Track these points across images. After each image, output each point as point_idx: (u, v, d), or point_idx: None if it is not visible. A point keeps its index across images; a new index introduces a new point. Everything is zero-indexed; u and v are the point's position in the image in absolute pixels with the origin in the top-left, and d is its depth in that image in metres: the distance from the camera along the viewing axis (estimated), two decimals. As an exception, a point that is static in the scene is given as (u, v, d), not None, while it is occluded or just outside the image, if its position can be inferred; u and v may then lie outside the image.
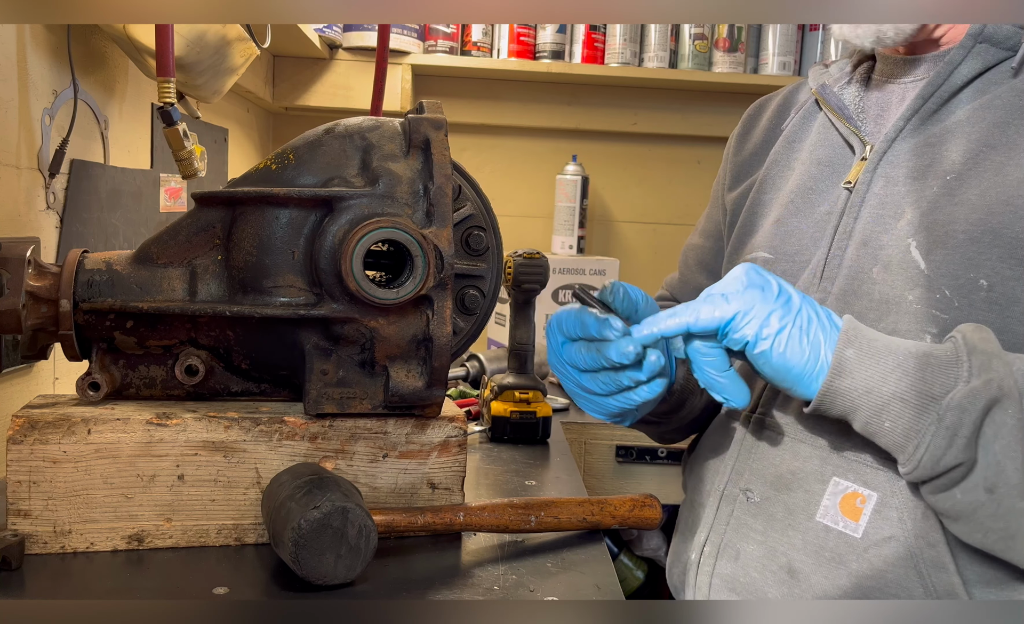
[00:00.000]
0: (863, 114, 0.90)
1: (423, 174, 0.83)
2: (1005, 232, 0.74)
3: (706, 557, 0.85)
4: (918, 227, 0.78)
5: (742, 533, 0.83)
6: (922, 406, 0.66)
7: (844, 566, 0.76)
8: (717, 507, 0.86)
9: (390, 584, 0.76)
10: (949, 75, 0.82)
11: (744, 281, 0.72)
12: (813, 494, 0.79)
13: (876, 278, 0.80)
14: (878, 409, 0.68)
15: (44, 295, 0.81)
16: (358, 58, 2.17)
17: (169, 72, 1.01)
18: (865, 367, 0.68)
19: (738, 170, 1.07)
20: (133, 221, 1.34)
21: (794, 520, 0.80)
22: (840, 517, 0.77)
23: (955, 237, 0.76)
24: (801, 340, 0.69)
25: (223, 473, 0.82)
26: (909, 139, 0.83)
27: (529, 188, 2.47)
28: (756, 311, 0.70)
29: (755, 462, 0.84)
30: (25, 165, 1.05)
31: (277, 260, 0.82)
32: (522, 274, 1.26)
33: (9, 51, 1.02)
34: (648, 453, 1.68)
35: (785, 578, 0.79)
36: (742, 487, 0.85)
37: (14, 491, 0.77)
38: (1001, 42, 0.80)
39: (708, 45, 2.27)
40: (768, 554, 0.81)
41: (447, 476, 0.88)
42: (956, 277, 0.75)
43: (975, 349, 0.66)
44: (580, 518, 0.88)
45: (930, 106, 0.83)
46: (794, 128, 0.99)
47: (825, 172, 0.91)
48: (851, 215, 0.85)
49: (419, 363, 0.84)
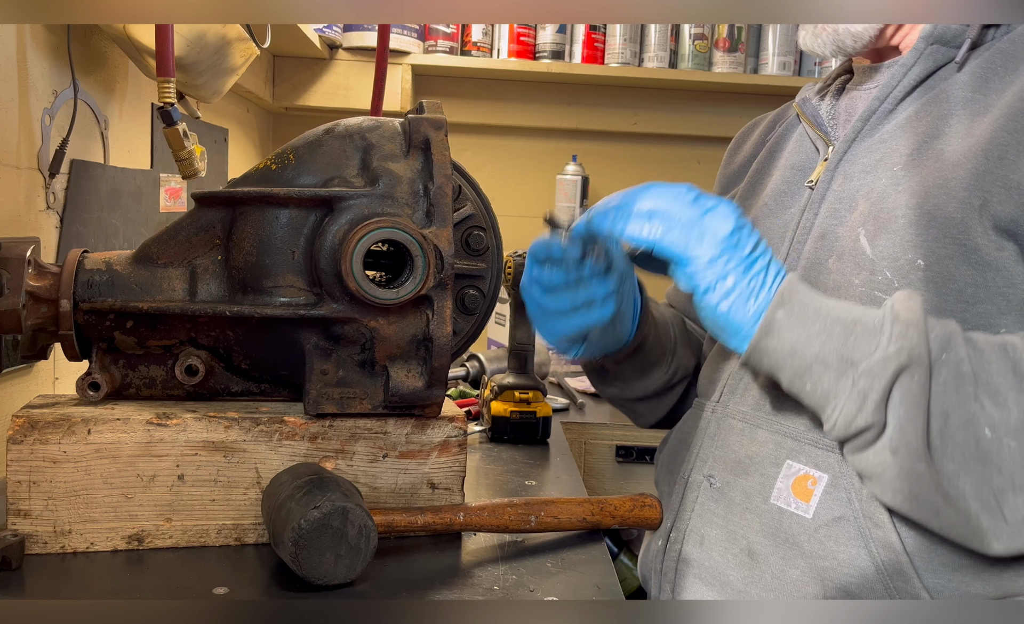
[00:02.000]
0: (833, 120, 0.95)
1: (423, 174, 0.83)
2: (939, 213, 0.76)
3: (672, 542, 0.88)
4: (867, 217, 0.82)
5: (705, 518, 0.86)
6: (841, 370, 0.69)
7: (797, 546, 0.78)
8: (683, 494, 0.89)
9: (390, 584, 0.76)
10: (903, 77, 0.86)
11: (726, 226, 0.73)
12: (768, 477, 0.82)
13: (831, 268, 0.83)
14: (801, 371, 0.71)
15: (44, 295, 0.81)
16: (358, 58, 2.17)
17: (169, 72, 1.01)
18: (792, 329, 0.71)
19: (725, 182, 1.12)
20: (133, 221, 1.34)
21: (751, 503, 0.82)
22: (792, 499, 0.79)
23: (896, 221, 0.79)
24: (747, 302, 0.72)
25: (223, 473, 0.82)
26: (866, 139, 0.87)
27: (529, 188, 2.48)
28: (720, 265, 0.72)
29: (717, 449, 0.87)
30: (25, 165, 1.05)
31: (277, 260, 0.82)
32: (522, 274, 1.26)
33: (9, 51, 1.02)
34: (648, 453, 1.68)
35: (746, 560, 0.81)
36: (705, 473, 0.87)
37: (14, 491, 0.77)
38: (950, 41, 0.84)
39: (708, 45, 2.27)
40: (729, 537, 0.83)
41: (447, 476, 0.88)
42: (896, 259, 0.78)
43: (898, 317, 0.68)
44: (580, 518, 0.88)
45: (886, 107, 0.86)
46: (776, 140, 1.04)
47: (796, 176, 0.95)
48: (811, 211, 0.88)
49: (419, 363, 0.84)
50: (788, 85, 2.22)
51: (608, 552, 0.87)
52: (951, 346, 0.68)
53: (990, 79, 0.81)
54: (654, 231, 0.73)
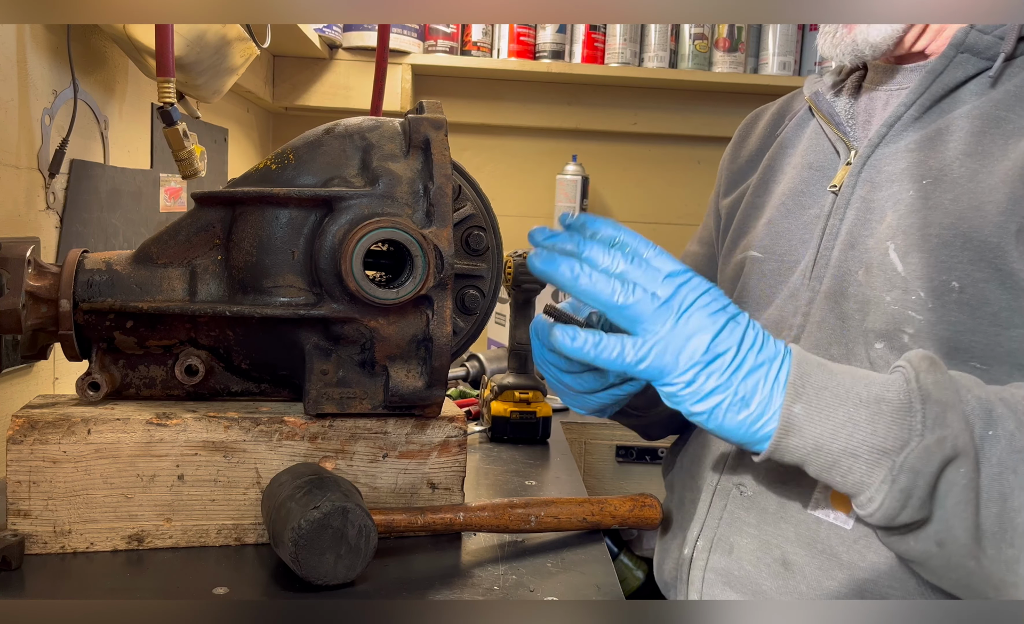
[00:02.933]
0: (852, 120, 0.93)
1: (423, 174, 0.83)
2: (975, 236, 0.75)
3: (699, 551, 0.86)
4: (896, 230, 0.80)
5: (735, 527, 0.84)
6: (874, 461, 0.64)
7: (836, 558, 0.77)
8: (710, 502, 0.87)
9: (390, 584, 0.76)
10: (931, 84, 0.84)
11: (703, 340, 0.66)
12: (804, 487, 0.80)
13: (861, 280, 0.82)
14: (828, 465, 0.66)
15: (44, 295, 0.81)
16: (358, 58, 2.17)
17: (169, 72, 1.01)
18: (814, 423, 0.65)
19: (733, 177, 1.10)
20: (133, 221, 1.34)
21: (786, 513, 0.80)
22: (831, 510, 0.78)
23: (929, 241, 0.77)
24: (740, 411, 0.66)
25: (223, 473, 0.82)
26: (891, 145, 0.85)
27: (529, 188, 2.48)
28: (697, 386, 0.66)
29: (747, 456, 0.84)
30: (25, 165, 1.05)
31: (277, 260, 0.82)
32: (522, 274, 1.26)
33: (9, 51, 1.02)
34: (648, 453, 1.68)
35: (780, 571, 0.80)
36: (735, 482, 0.85)
37: (14, 491, 0.77)
38: (981, 52, 0.82)
39: (708, 45, 2.27)
40: (762, 547, 0.81)
41: (447, 476, 0.88)
42: (930, 279, 0.76)
43: (929, 397, 0.64)
44: (580, 518, 0.88)
45: (912, 113, 0.85)
46: (788, 134, 1.02)
47: (815, 176, 0.93)
48: (837, 217, 0.86)
49: (419, 363, 0.84)
50: (788, 85, 2.22)
51: (608, 552, 0.87)
52: (994, 420, 0.64)
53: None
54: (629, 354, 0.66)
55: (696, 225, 1.22)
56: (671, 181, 2.49)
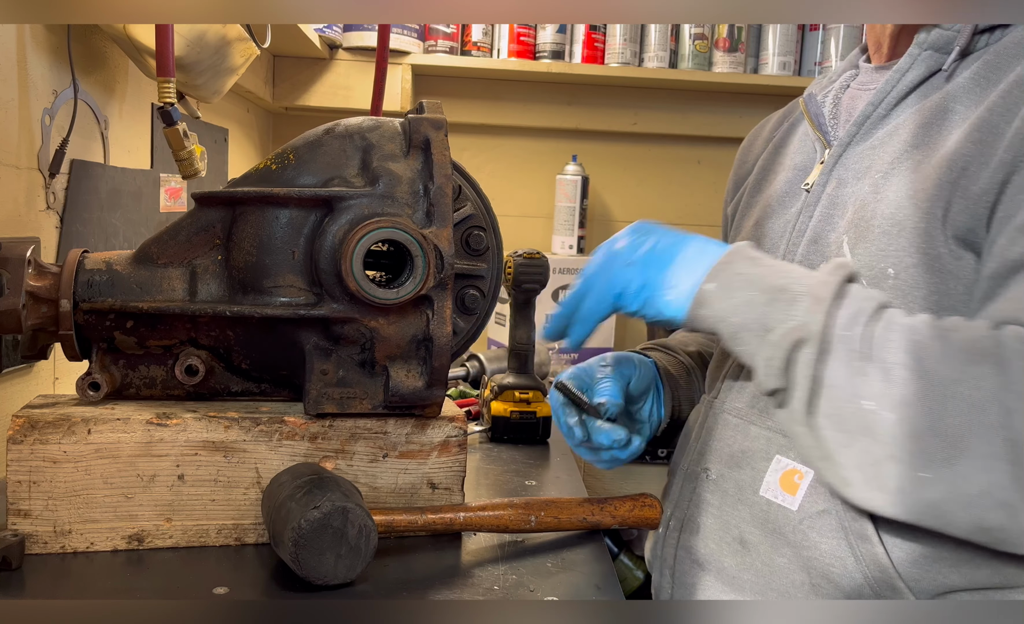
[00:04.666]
0: (834, 120, 0.95)
1: (423, 174, 0.83)
2: (907, 223, 0.78)
3: (671, 530, 0.91)
4: (851, 224, 0.84)
5: (701, 508, 0.89)
6: (760, 336, 0.74)
7: (783, 536, 0.81)
8: (682, 484, 0.92)
9: (390, 584, 0.76)
10: (897, 82, 0.87)
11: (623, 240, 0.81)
12: (759, 471, 0.84)
13: None
14: (730, 335, 0.76)
15: (44, 295, 0.81)
16: (358, 58, 2.17)
17: (169, 72, 1.01)
18: (721, 299, 0.76)
19: (736, 183, 1.13)
20: (133, 221, 1.34)
21: (743, 495, 0.85)
22: (780, 492, 0.82)
23: (873, 231, 0.81)
24: (667, 294, 0.79)
25: (223, 473, 0.82)
26: (860, 143, 0.88)
27: (529, 188, 2.47)
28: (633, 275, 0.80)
29: (714, 442, 0.90)
30: (25, 165, 1.05)
31: (277, 260, 0.82)
32: (522, 274, 1.26)
33: (9, 51, 1.02)
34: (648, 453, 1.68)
35: (738, 549, 0.84)
36: (703, 466, 0.90)
37: (14, 491, 0.77)
38: (942, 48, 0.85)
39: (708, 45, 2.27)
40: (723, 527, 0.86)
41: (447, 476, 0.88)
42: (871, 267, 0.80)
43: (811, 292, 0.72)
44: (580, 518, 0.88)
45: (880, 112, 0.87)
46: (781, 136, 1.05)
47: (798, 176, 0.96)
48: (806, 215, 0.90)
49: (419, 363, 0.84)
50: (788, 85, 2.22)
51: (608, 552, 0.88)
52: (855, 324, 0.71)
53: (975, 91, 0.81)
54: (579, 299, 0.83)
55: (696, 225, 1.22)
56: (671, 181, 2.49)
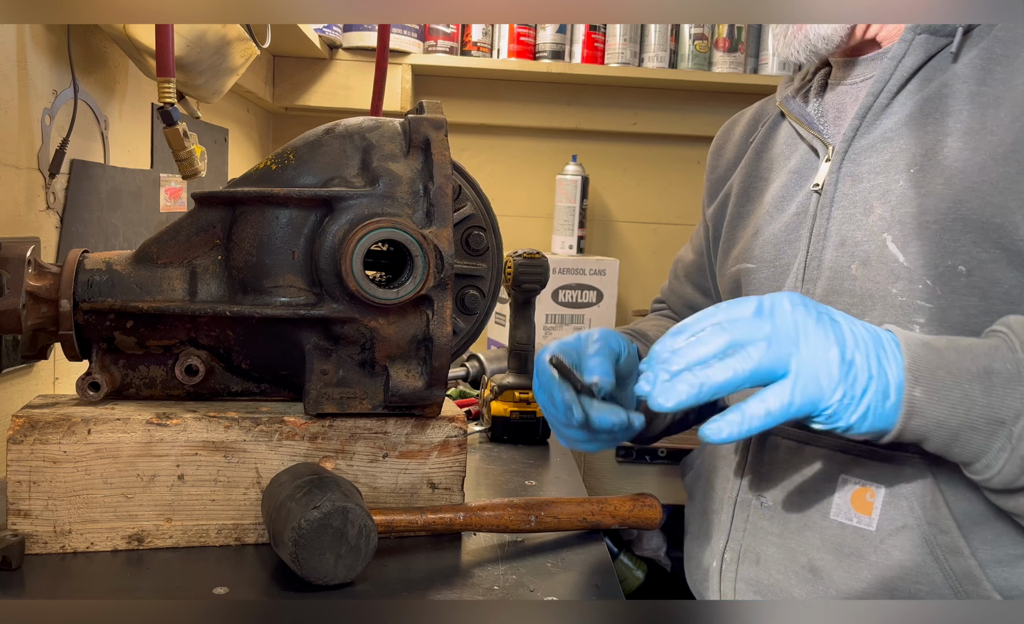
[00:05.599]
0: (823, 118, 0.94)
1: (423, 174, 0.83)
2: (974, 217, 0.75)
3: (728, 563, 0.88)
4: (891, 221, 0.80)
5: (760, 537, 0.85)
6: (991, 431, 0.67)
7: (863, 559, 0.78)
8: (732, 514, 0.88)
9: (390, 584, 0.76)
10: (894, 70, 0.84)
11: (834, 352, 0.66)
12: (823, 494, 0.81)
13: (856, 274, 0.82)
14: (948, 439, 0.69)
15: (44, 295, 0.81)
16: (358, 58, 2.17)
17: (169, 72, 1.01)
18: (933, 404, 0.68)
19: (713, 186, 1.11)
20: (133, 221, 1.34)
21: (809, 521, 0.81)
22: (853, 513, 0.79)
23: (928, 228, 0.78)
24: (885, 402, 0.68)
25: (223, 473, 0.82)
26: (866, 136, 0.86)
27: (529, 188, 2.47)
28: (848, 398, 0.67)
29: (764, 467, 0.86)
30: (25, 165, 1.05)
31: (277, 260, 0.82)
32: (522, 274, 1.26)
33: (9, 51, 1.02)
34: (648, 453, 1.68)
35: (808, 577, 0.81)
36: (755, 493, 0.87)
37: (14, 491, 0.77)
38: (939, 29, 0.83)
39: (708, 45, 2.27)
40: (788, 556, 0.83)
41: (447, 476, 0.88)
42: (935, 266, 0.77)
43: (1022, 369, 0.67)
44: (580, 518, 0.88)
45: (881, 101, 0.85)
46: (761, 140, 1.03)
47: (796, 179, 0.93)
48: (823, 216, 0.87)
49: (419, 363, 0.84)
50: (788, 85, 2.22)
51: (608, 552, 0.87)
52: None
53: (992, 69, 0.79)
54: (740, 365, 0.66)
55: (694, 225, 1.22)
56: (671, 181, 2.49)
